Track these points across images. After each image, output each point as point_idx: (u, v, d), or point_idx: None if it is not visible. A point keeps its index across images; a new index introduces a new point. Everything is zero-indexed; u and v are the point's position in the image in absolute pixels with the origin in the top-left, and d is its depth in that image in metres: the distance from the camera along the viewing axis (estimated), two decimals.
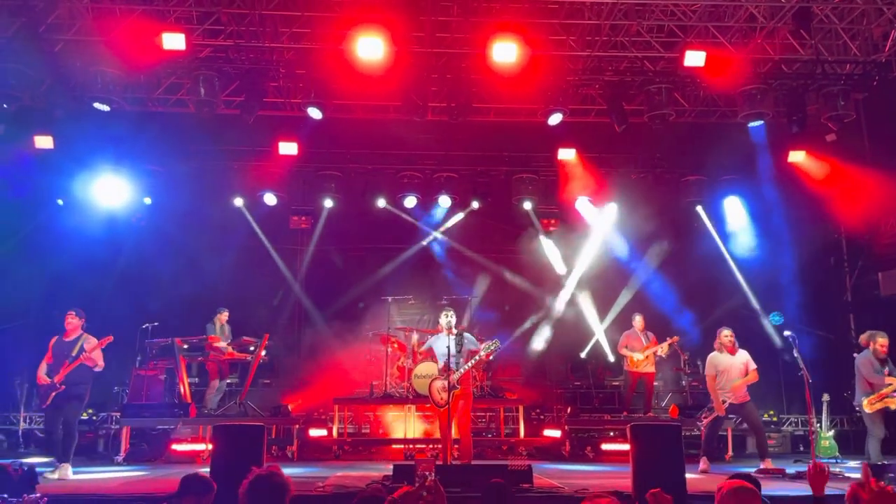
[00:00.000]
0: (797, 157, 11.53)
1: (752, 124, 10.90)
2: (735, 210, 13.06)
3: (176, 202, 12.44)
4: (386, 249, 13.93)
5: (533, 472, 6.87)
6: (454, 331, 7.97)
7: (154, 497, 6.55)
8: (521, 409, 11.23)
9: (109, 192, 11.87)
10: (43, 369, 8.26)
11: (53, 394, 8.12)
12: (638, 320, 11.49)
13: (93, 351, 8.21)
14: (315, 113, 10.49)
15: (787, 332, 9.68)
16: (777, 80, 10.51)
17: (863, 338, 8.64)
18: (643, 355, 11.17)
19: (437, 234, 13.86)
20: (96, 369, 8.35)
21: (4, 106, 10.03)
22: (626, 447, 7.75)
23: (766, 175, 11.96)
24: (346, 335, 12.93)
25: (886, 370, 8.21)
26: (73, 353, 8.18)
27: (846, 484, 7.32)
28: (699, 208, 13.19)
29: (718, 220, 13.25)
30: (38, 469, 6.28)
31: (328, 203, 12.99)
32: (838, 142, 11.28)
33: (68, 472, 8.00)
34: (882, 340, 8.29)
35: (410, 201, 13.05)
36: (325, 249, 13.98)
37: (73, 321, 8.32)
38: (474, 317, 13.27)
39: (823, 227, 12.48)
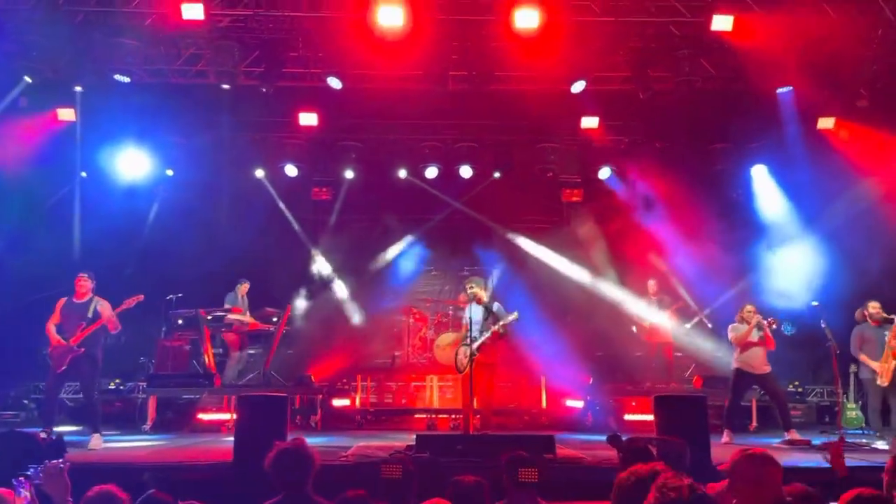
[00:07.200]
0: (827, 123, 11.25)
1: (780, 90, 10.65)
2: (763, 179, 12.78)
3: (197, 174, 12.46)
4: (407, 220, 13.89)
5: (555, 443, 6.88)
6: (484, 300, 7.98)
7: (181, 465, 6.67)
8: (542, 379, 11.23)
9: (132, 165, 11.87)
10: (53, 330, 8.08)
11: (71, 357, 7.99)
12: (650, 285, 11.40)
13: (116, 312, 8.14)
14: (335, 83, 10.39)
15: (813, 303, 9.62)
16: (807, 44, 10.19)
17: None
18: (656, 315, 11.08)
19: (459, 205, 13.74)
20: (115, 331, 8.35)
21: (27, 79, 10.06)
22: (649, 417, 7.74)
23: (795, 143, 11.66)
24: (368, 306, 12.97)
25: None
26: (89, 315, 8.06)
27: (874, 456, 7.29)
28: (725, 176, 12.92)
29: (746, 189, 12.97)
30: (66, 437, 6.37)
31: (349, 174, 12.94)
32: (871, 107, 10.96)
33: (99, 442, 7.97)
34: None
35: (432, 171, 12.90)
36: (346, 220, 13.99)
37: (85, 283, 8.18)
38: (497, 288, 13.22)
39: (855, 194, 12.16)
